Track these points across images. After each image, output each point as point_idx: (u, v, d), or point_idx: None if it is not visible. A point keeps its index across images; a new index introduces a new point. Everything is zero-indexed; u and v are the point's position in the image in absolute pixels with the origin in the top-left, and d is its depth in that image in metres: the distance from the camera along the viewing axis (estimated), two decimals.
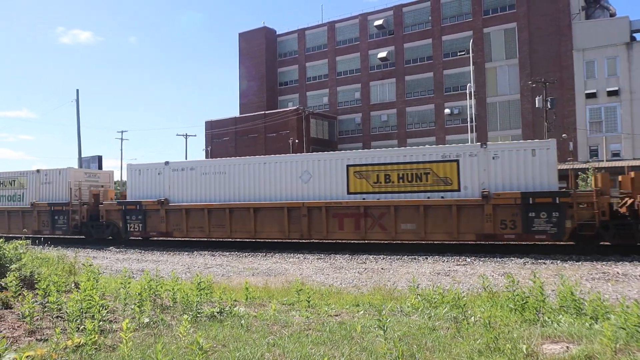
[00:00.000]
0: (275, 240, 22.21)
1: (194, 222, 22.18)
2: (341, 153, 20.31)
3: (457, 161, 18.12)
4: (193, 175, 22.40)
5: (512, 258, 16.00)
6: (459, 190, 18.05)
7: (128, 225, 23.64)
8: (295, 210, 20.29)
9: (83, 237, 25.98)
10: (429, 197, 18.37)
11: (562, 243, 17.40)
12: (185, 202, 22.47)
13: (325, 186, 19.94)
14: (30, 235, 25.12)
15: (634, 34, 47.68)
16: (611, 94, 46.29)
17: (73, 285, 10.11)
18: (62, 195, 26.14)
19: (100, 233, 24.74)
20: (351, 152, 20.36)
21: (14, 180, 27.40)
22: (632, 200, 16.60)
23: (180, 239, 23.72)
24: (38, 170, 26.85)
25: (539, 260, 15.35)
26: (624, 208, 16.76)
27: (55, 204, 26.02)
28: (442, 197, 18.18)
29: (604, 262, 14.57)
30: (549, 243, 17.75)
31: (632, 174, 17.00)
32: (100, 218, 24.69)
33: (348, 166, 19.57)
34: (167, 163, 23.17)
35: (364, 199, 19.19)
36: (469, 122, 48.57)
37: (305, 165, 20.34)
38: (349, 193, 19.48)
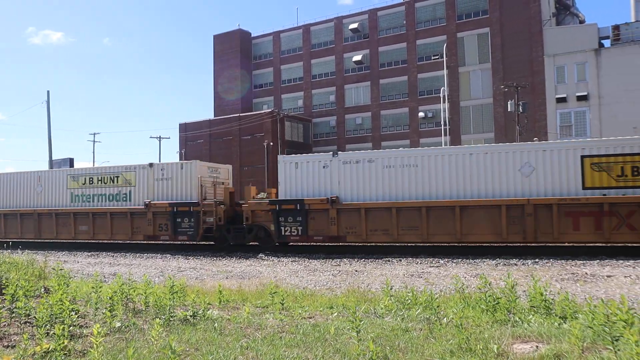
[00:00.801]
0: (488, 244, 19.21)
1: (376, 224, 19.07)
2: (573, 142, 18.20)
3: None
4: (372, 168, 19.34)
5: (484, 259, 16.22)
6: None
7: (282, 228, 20.28)
8: (515, 209, 17.59)
9: (212, 243, 22.42)
10: None
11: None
12: (362, 201, 19.42)
13: (553, 180, 17.46)
14: (143, 242, 23.92)
15: (602, 41, 48.86)
16: (580, 98, 47.33)
17: (42, 290, 9.92)
18: (184, 194, 21.94)
19: (240, 238, 21.18)
20: (587, 141, 18.62)
21: (117, 177, 23.32)
22: None
23: (354, 243, 20.07)
24: (151, 164, 22.82)
25: (511, 262, 15.59)
26: None
27: (179, 204, 21.83)
28: None
29: (573, 263, 14.87)
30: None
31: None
32: (243, 220, 20.91)
33: (583, 157, 17.15)
34: (335, 154, 20.15)
35: (604, 194, 16.83)
36: (442, 126, 49.10)
37: (526, 156, 17.77)
38: (584, 188, 17.10)
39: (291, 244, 21.16)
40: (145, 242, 23.97)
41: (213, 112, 67.97)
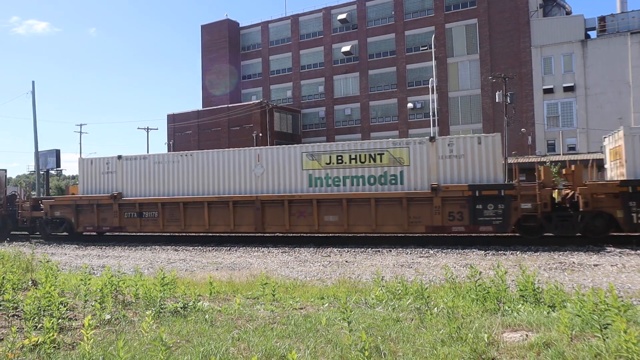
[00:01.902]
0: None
1: None
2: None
3: None
4: None
5: (473, 249, 16.32)
6: None
7: (635, 215, 16.30)
8: None
9: (518, 235, 18.19)
10: None
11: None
12: None
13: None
14: (426, 234, 19.06)
15: (589, 32, 49.17)
16: (567, 89, 47.68)
17: (30, 282, 9.82)
18: (486, 174, 17.82)
19: (567, 228, 17.11)
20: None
21: (381, 154, 18.89)
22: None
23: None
24: (432, 138, 18.46)
25: (500, 252, 15.71)
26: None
27: (482, 187, 17.57)
28: None
29: (560, 253, 15.02)
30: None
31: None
32: (580, 205, 16.84)
33: None
34: None
35: None
36: (431, 116, 49.22)
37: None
38: None
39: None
40: (428, 234, 19.21)
41: (201, 103, 67.65)
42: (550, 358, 4.91)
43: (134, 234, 23.97)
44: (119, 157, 22.78)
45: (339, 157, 19.39)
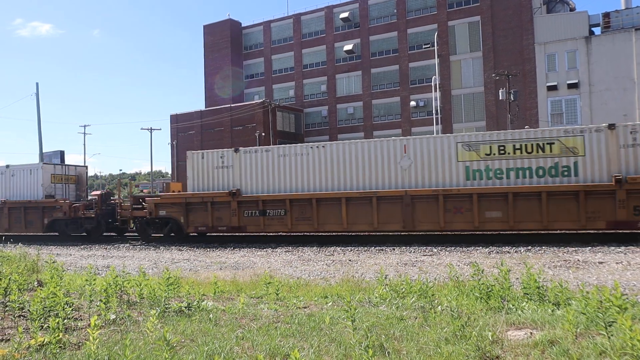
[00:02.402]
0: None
1: None
2: None
3: None
4: None
5: (477, 248, 16.30)
6: None
7: None
8: None
9: (522, 232, 18.14)
10: None
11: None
12: None
13: None
14: (603, 230, 17.47)
15: (593, 28, 48.97)
16: (571, 86, 47.48)
17: (36, 283, 9.87)
18: None
19: None
20: None
21: (551, 143, 17.33)
22: None
23: None
24: (612, 125, 16.88)
25: (503, 249, 15.69)
26: None
27: None
28: None
29: (565, 250, 14.98)
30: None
31: None
32: None
33: None
34: None
35: None
36: (434, 114, 49.14)
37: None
38: None
39: None
40: (607, 230, 17.64)
41: (204, 103, 67.66)
42: (555, 356, 4.90)
43: (254, 234, 21.91)
44: (236, 150, 21.18)
45: (501, 147, 17.76)
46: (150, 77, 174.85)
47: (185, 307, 7.48)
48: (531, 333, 5.70)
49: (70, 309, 7.17)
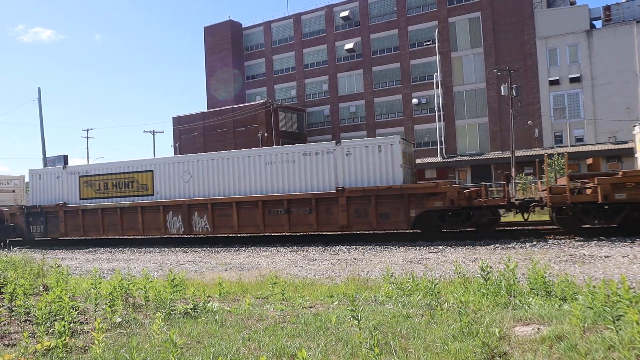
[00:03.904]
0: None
1: None
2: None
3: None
4: None
5: (482, 244, 16.26)
6: None
7: None
8: None
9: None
10: None
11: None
12: None
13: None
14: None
15: (594, 22, 48.83)
16: (573, 80, 47.37)
17: (41, 288, 9.88)
18: None
19: None
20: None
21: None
22: None
23: None
24: None
25: (509, 245, 15.64)
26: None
27: None
28: None
29: (571, 245, 14.92)
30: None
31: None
32: None
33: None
34: None
35: None
36: (436, 111, 49.10)
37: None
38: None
39: None
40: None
41: (206, 105, 67.80)
42: (562, 351, 4.88)
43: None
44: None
45: None
46: (152, 79, 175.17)
47: (191, 309, 7.47)
48: (538, 328, 5.67)
49: (76, 312, 7.17)
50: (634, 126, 19.62)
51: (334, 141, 19.49)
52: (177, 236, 22.54)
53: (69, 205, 24.07)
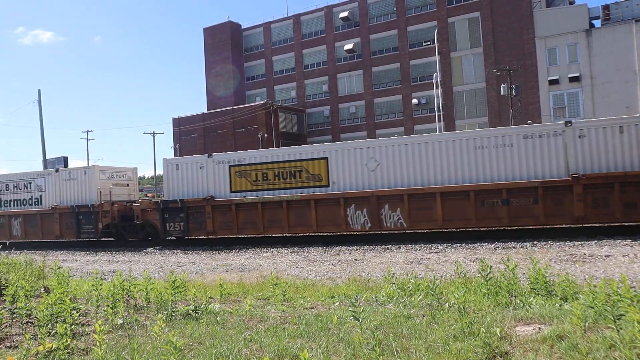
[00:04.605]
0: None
1: None
2: None
3: None
4: None
5: (483, 244, 16.26)
6: None
7: None
8: None
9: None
10: None
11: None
12: None
13: None
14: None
15: (593, 21, 48.82)
16: (573, 80, 47.35)
17: (43, 289, 9.89)
18: None
19: None
20: None
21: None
22: None
23: None
24: None
25: (509, 245, 15.64)
26: None
27: None
28: None
29: (571, 244, 14.93)
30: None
31: None
32: None
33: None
34: None
35: None
36: (436, 112, 49.08)
37: None
38: None
39: None
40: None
41: (206, 106, 67.77)
42: (563, 350, 4.88)
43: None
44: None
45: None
46: (151, 81, 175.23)
47: (193, 310, 7.48)
48: (539, 328, 5.68)
49: (78, 314, 7.18)
50: None
51: (563, 122, 17.36)
52: (359, 232, 19.88)
53: (219, 199, 21.20)
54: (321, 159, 19.98)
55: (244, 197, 20.76)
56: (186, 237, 22.38)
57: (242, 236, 21.46)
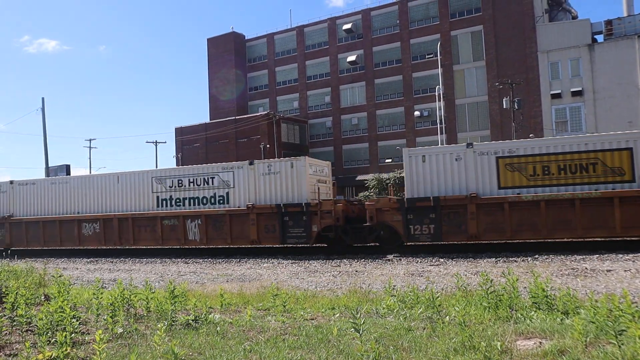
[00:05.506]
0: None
1: None
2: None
3: None
4: None
5: (484, 257, 16.23)
6: None
7: None
8: None
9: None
10: None
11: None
12: None
13: None
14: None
15: (595, 36, 49.01)
16: (575, 94, 47.46)
17: (43, 297, 9.88)
18: None
19: None
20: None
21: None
22: None
23: None
24: None
25: (510, 258, 15.61)
26: None
27: None
28: None
29: (573, 259, 14.89)
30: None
31: None
32: None
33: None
34: None
35: None
36: (438, 124, 49.14)
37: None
38: None
39: None
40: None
41: (209, 116, 67.97)
42: None
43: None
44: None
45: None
46: (155, 90, 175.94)
47: (193, 320, 7.47)
48: (540, 342, 5.66)
49: (78, 323, 7.17)
50: None
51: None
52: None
53: (484, 197, 17.84)
54: (623, 149, 16.87)
55: (519, 193, 17.58)
56: (439, 242, 18.92)
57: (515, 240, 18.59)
